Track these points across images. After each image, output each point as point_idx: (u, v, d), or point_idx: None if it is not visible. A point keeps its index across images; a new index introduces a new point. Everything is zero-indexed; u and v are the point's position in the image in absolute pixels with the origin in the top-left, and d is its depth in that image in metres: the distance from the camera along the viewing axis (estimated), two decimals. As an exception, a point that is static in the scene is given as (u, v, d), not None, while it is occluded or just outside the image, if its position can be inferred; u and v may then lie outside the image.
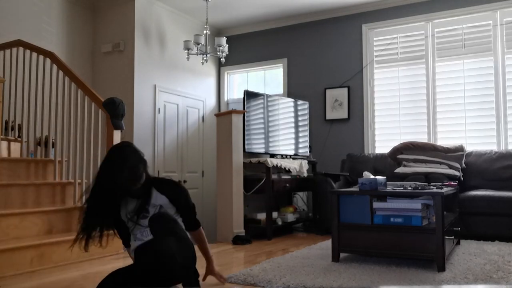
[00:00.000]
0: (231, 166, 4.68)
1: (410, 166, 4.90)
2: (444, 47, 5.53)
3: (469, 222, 4.30)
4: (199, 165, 6.50)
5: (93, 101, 4.07)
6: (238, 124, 4.74)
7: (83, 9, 5.79)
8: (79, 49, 5.70)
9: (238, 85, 7.03)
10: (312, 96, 6.17)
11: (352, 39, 6.03)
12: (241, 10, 6.14)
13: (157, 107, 5.82)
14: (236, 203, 4.65)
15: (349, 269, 3.02)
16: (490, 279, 2.73)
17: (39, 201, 3.84)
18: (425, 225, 3.08)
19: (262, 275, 2.87)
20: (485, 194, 4.39)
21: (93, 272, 3.16)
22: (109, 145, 3.93)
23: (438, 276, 2.80)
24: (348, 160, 5.61)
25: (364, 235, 3.23)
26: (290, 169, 5.09)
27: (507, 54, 5.22)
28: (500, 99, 5.21)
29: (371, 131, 5.87)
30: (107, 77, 5.72)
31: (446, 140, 5.36)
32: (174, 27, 6.16)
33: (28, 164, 4.10)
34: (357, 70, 5.96)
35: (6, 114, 4.49)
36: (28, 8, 5.10)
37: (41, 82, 4.30)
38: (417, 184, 3.58)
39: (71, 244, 2.39)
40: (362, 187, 3.27)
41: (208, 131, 6.59)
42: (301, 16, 6.32)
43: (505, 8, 5.22)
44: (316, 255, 3.60)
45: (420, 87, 5.63)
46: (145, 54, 5.69)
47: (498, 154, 4.89)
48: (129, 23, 5.61)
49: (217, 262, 3.49)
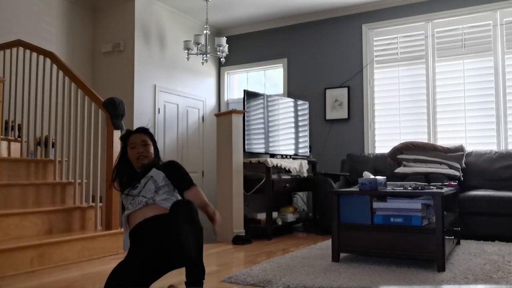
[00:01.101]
0: (231, 166, 4.68)
1: (410, 166, 4.90)
2: (444, 47, 5.53)
3: (469, 222, 4.30)
4: (199, 165, 6.50)
5: (93, 101, 4.07)
6: (238, 124, 4.74)
7: (83, 9, 5.79)
8: (79, 49, 5.70)
9: (238, 85, 7.03)
10: (312, 96, 6.17)
11: (352, 39, 6.03)
12: (241, 10, 6.14)
13: (157, 107, 5.82)
14: (236, 203, 4.65)
15: (349, 269, 3.02)
16: (490, 279, 2.73)
17: (39, 201, 3.84)
18: (425, 225, 3.08)
19: (262, 275, 2.87)
20: (485, 194, 4.39)
21: (93, 272, 3.16)
22: (109, 145, 3.94)
23: (438, 276, 2.80)
24: (348, 160, 5.61)
25: (364, 235, 3.22)
26: (290, 169, 5.09)
27: (507, 54, 5.22)
28: (500, 99, 5.21)
29: (371, 131, 5.87)
30: (107, 77, 5.72)
31: (446, 140, 5.36)
32: (174, 27, 6.16)
33: (28, 164, 4.10)
34: (357, 70, 5.96)
35: (6, 114, 4.49)
36: (28, 8, 5.10)
37: (41, 82, 4.30)
38: (417, 184, 3.58)
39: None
40: (362, 187, 3.27)
41: (208, 131, 6.59)
42: (301, 16, 6.32)
43: (505, 8, 5.22)
44: (316, 255, 3.60)
45: (420, 87, 5.63)
46: (145, 54, 5.69)
47: (498, 154, 4.89)
48: (129, 23, 5.61)
49: (217, 262, 3.50)
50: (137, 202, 2.42)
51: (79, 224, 3.92)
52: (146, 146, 2.54)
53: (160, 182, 2.46)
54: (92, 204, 4.05)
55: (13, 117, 4.51)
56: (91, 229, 3.96)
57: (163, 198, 2.44)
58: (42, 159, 4.26)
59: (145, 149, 2.53)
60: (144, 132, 2.59)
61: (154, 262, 2.34)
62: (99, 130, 4.08)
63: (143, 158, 2.52)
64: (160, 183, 2.46)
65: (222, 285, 2.76)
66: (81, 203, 4.02)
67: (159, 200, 2.42)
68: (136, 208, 2.42)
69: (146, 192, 2.43)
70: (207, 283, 2.29)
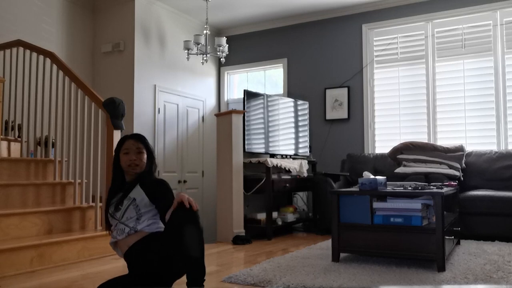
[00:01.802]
0: (231, 166, 4.68)
1: (410, 166, 4.90)
2: (444, 47, 5.53)
3: (469, 222, 4.30)
4: (199, 165, 6.50)
5: (93, 101, 4.07)
6: (238, 124, 4.74)
7: (83, 9, 5.79)
8: (79, 49, 5.71)
9: (238, 85, 7.03)
10: (312, 96, 6.17)
11: (352, 39, 6.03)
12: (241, 10, 6.14)
13: (157, 107, 5.82)
14: (236, 203, 4.65)
15: (349, 269, 3.02)
16: (490, 279, 2.73)
17: (39, 201, 3.85)
18: (425, 225, 3.08)
19: (262, 275, 2.87)
20: (485, 194, 4.39)
21: (93, 272, 3.16)
22: (109, 145, 3.94)
23: (438, 276, 2.80)
24: (348, 160, 5.61)
25: (364, 235, 3.22)
26: (290, 169, 5.09)
27: (507, 54, 5.22)
28: (500, 99, 5.21)
29: (371, 131, 5.87)
30: (107, 77, 5.72)
31: (446, 140, 5.36)
32: (174, 27, 6.16)
33: (28, 164, 4.10)
34: (357, 70, 5.96)
35: (6, 114, 4.49)
36: (28, 8, 5.10)
37: (41, 82, 4.30)
38: (417, 184, 3.58)
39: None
40: (362, 187, 3.27)
41: (208, 131, 6.59)
42: (301, 16, 6.32)
43: (505, 8, 5.22)
44: (316, 255, 3.60)
45: (420, 87, 5.63)
46: (145, 54, 5.70)
47: (498, 154, 4.89)
48: (129, 23, 5.61)
49: (217, 262, 3.50)
50: (120, 230, 2.38)
51: (79, 224, 3.92)
52: (140, 154, 2.44)
53: (142, 208, 2.38)
54: (92, 204, 4.05)
55: (13, 117, 4.51)
56: (91, 229, 3.96)
57: (146, 224, 2.37)
58: (42, 159, 4.26)
59: (138, 157, 2.43)
60: (140, 139, 2.48)
61: (156, 277, 2.32)
62: (99, 130, 4.08)
63: (134, 166, 2.42)
64: (142, 209, 2.38)
65: (222, 285, 2.76)
66: (81, 203, 4.02)
67: (141, 228, 2.36)
68: (119, 238, 2.38)
69: (128, 220, 2.36)
70: (207, 283, 2.29)
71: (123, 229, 2.38)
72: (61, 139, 4.16)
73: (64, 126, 4.15)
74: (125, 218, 2.38)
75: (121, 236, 2.38)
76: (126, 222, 2.37)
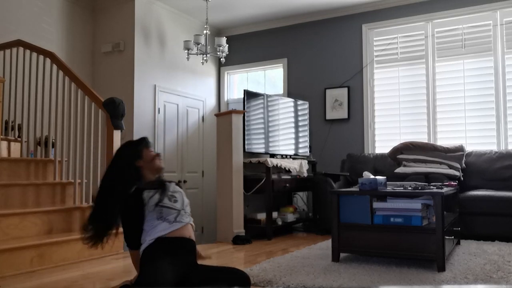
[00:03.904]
0: (231, 166, 4.68)
1: (410, 166, 4.90)
2: (444, 47, 5.53)
3: (469, 222, 4.30)
4: (199, 165, 6.50)
5: (93, 101, 4.07)
6: (238, 124, 4.74)
7: (83, 9, 5.79)
8: (79, 49, 5.70)
9: (238, 85, 7.03)
10: (312, 96, 6.17)
11: (352, 39, 6.03)
12: (241, 10, 6.14)
13: (157, 107, 5.82)
14: (236, 203, 4.65)
15: (349, 269, 3.02)
16: (490, 279, 2.73)
17: (39, 201, 3.84)
18: (425, 225, 3.08)
19: (262, 275, 2.87)
20: (485, 194, 4.39)
21: (93, 272, 3.16)
22: (109, 145, 3.94)
23: (438, 276, 2.80)
24: (348, 160, 5.61)
25: (364, 235, 3.22)
26: (290, 169, 5.09)
27: (507, 54, 5.21)
28: (500, 99, 5.21)
29: (371, 131, 5.87)
30: (107, 77, 5.72)
31: (446, 140, 5.36)
32: (174, 27, 6.16)
33: (28, 164, 4.10)
34: (357, 70, 5.96)
35: (6, 114, 4.49)
36: (28, 8, 5.10)
37: (41, 82, 4.30)
38: (417, 184, 3.58)
39: (84, 242, 2.40)
40: (362, 187, 3.27)
41: (208, 131, 6.58)
42: (301, 16, 6.32)
43: (505, 8, 5.22)
44: (316, 255, 3.60)
45: (420, 87, 5.63)
46: (145, 54, 5.69)
47: (498, 154, 4.89)
48: (129, 23, 5.60)
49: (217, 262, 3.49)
50: (182, 218, 2.31)
51: (79, 224, 3.90)
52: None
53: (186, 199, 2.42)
54: (92, 204, 4.04)
55: (13, 117, 4.50)
56: (91, 229, 3.95)
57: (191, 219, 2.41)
58: (42, 159, 4.26)
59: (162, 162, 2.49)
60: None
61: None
62: (99, 130, 4.08)
63: (161, 169, 2.46)
64: (185, 203, 2.41)
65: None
66: (81, 203, 4.02)
67: (189, 221, 2.39)
68: (181, 225, 2.30)
69: (187, 208, 2.37)
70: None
71: (184, 217, 2.34)
72: (61, 139, 4.16)
73: (64, 126, 4.14)
74: (184, 205, 2.39)
75: (183, 223, 2.32)
76: (186, 209, 2.39)
